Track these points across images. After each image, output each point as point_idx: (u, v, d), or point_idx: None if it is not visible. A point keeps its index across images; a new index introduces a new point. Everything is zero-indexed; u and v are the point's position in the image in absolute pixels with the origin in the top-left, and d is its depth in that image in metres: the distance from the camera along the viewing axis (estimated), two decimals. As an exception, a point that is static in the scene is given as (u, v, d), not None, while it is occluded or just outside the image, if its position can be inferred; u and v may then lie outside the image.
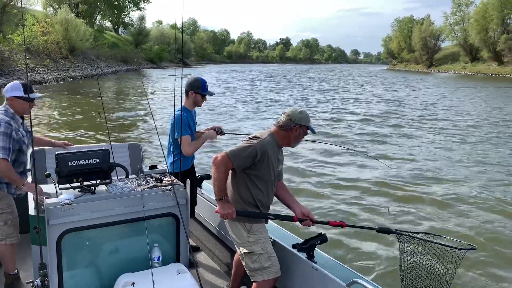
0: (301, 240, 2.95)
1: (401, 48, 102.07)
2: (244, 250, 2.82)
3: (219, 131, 4.07)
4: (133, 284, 2.47)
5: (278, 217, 2.90)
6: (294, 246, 2.88)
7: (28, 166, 3.52)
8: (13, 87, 3.25)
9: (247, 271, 2.87)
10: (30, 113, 3.30)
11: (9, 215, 3.29)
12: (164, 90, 28.91)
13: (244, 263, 2.87)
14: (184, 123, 3.60)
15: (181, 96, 3.55)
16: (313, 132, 2.91)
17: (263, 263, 2.79)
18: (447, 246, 2.45)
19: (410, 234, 2.61)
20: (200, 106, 3.89)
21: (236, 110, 19.59)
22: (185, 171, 3.83)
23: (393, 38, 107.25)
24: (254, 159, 2.72)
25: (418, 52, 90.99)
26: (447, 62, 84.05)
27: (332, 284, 2.62)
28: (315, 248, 2.85)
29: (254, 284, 2.85)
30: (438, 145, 12.45)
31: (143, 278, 2.51)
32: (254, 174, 2.79)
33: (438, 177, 8.97)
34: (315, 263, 2.78)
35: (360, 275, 2.66)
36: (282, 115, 2.89)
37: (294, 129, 2.82)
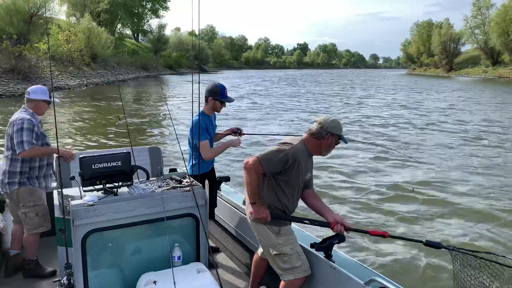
0: (319, 240, 2.96)
1: (420, 52, 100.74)
2: (274, 252, 2.85)
3: (238, 132, 4.13)
4: (154, 282, 2.52)
5: (313, 223, 2.85)
6: (312, 246, 2.89)
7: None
8: (43, 91, 3.66)
9: (278, 271, 2.89)
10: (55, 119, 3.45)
11: (40, 207, 3.64)
12: (182, 95, 29.35)
13: (274, 264, 2.90)
14: (202, 128, 3.65)
15: (198, 101, 3.60)
16: (345, 142, 2.89)
17: (294, 263, 2.82)
18: (507, 266, 2.23)
19: (463, 251, 2.38)
20: (219, 112, 3.93)
21: (251, 113, 19.70)
22: (205, 174, 3.88)
23: (412, 42, 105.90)
24: (285, 165, 2.74)
25: (437, 56, 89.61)
26: (467, 66, 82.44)
27: (350, 283, 2.62)
28: (333, 248, 2.86)
29: (282, 283, 2.87)
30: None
31: (164, 277, 2.56)
32: (283, 180, 2.81)
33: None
34: (333, 262, 2.79)
35: (378, 273, 2.65)
36: (314, 123, 2.89)
37: (326, 137, 2.82)
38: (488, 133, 15.23)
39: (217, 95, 3.79)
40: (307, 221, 2.78)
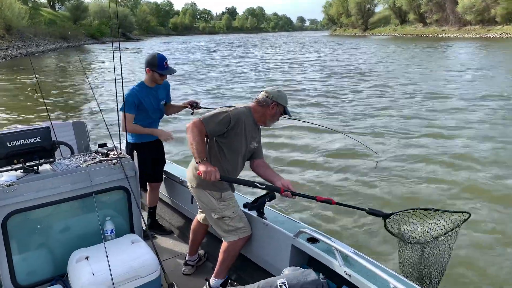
0: (251, 200, 2.98)
1: (339, 14, 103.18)
2: (216, 216, 2.81)
3: (195, 105, 3.85)
4: (87, 258, 2.40)
5: (263, 187, 2.69)
6: (245, 206, 2.90)
7: None
8: None
9: (221, 233, 2.86)
10: None
11: None
12: (106, 65, 27.50)
13: (216, 227, 2.87)
14: (131, 102, 3.43)
15: (121, 70, 3.35)
16: (289, 115, 2.85)
17: (236, 224, 2.82)
18: (441, 210, 2.39)
19: (400, 211, 2.47)
20: (159, 83, 3.63)
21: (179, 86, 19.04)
22: (149, 143, 3.68)
23: (333, 4, 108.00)
24: (227, 126, 2.66)
25: (354, 16, 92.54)
26: (380, 25, 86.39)
27: (281, 236, 2.69)
28: (265, 206, 2.90)
29: (225, 244, 2.86)
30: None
31: (97, 251, 2.44)
32: (225, 143, 2.73)
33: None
34: (266, 219, 2.84)
35: (306, 225, 2.75)
36: (262, 92, 2.85)
37: (271, 106, 2.78)
38: (403, 86, 16.29)
39: (155, 67, 3.50)
40: (257, 185, 2.68)
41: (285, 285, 1.68)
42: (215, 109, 2.83)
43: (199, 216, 3.16)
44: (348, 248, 2.32)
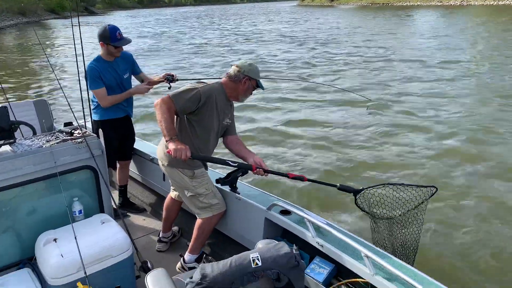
0: (223, 175, 2.94)
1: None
2: (190, 194, 2.75)
3: (170, 78, 3.64)
4: (55, 240, 2.31)
5: (235, 164, 2.62)
6: (217, 181, 2.86)
7: None
8: None
9: (195, 210, 2.81)
10: None
11: None
12: (66, 41, 26.20)
13: (190, 204, 2.82)
14: (94, 76, 3.26)
15: (81, 45, 3.16)
16: (262, 88, 2.75)
17: (210, 201, 2.77)
18: (409, 185, 2.44)
19: (371, 186, 2.50)
20: (117, 56, 3.42)
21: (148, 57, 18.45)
22: (117, 120, 3.54)
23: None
24: (198, 103, 2.55)
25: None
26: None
27: (254, 210, 2.69)
28: (237, 181, 2.86)
29: (199, 221, 2.82)
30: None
31: (65, 233, 2.35)
32: (196, 121, 2.63)
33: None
34: (238, 193, 2.82)
35: (279, 198, 2.74)
36: (232, 66, 2.72)
37: (243, 81, 2.67)
38: (375, 49, 16.40)
39: (107, 39, 3.30)
40: (229, 162, 2.61)
41: (258, 259, 1.66)
42: (194, 80, 2.72)
43: (173, 193, 3.10)
44: (320, 219, 2.34)
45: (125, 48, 3.50)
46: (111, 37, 3.30)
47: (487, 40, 19.68)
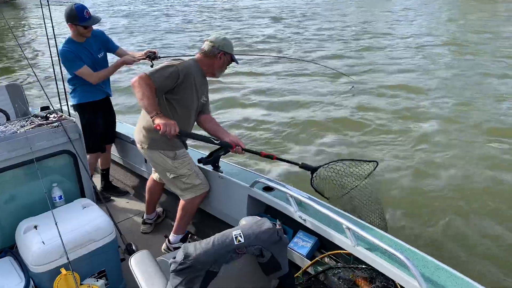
0: (205, 154, 2.92)
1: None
2: (172, 175, 2.71)
3: (152, 55, 3.46)
4: (35, 227, 2.27)
5: (219, 143, 2.66)
6: (199, 161, 2.84)
7: None
8: None
9: (177, 192, 2.79)
10: None
11: None
12: (37, 21, 25.18)
13: (173, 186, 2.79)
14: (72, 58, 3.15)
15: (52, 26, 3.03)
16: (236, 62, 2.71)
17: (193, 181, 2.74)
18: (358, 160, 2.64)
19: (327, 163, 2.65)
20: (88, 36, 3.28)
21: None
22: (97, 103, 3.43)
23: None
24: (176, 80, 2.48)
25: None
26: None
27: (237, 188, 2.69)
28: (220, 160, 2.85)
29: (182, 202, 2.80)
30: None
31: (46, 219, 2.30)
32: (176, 99, 2.56)
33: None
34: (221, 172, 2.81)
35: (262, 175, 2.75)
36: (206, 41, 2.64)
37: (218, 56, 2.61)
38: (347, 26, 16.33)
39: (76, 20, 3.14)
40: (212, 140, 2.64)
41: (240, 236, 1.66)
42: (176, 57, 2.64)
43: (154, 175, 3.06)
44: (302, 193, 2.35)
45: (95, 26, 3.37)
46: (79, 17, 3.15)
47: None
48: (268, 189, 2.56)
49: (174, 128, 2.35)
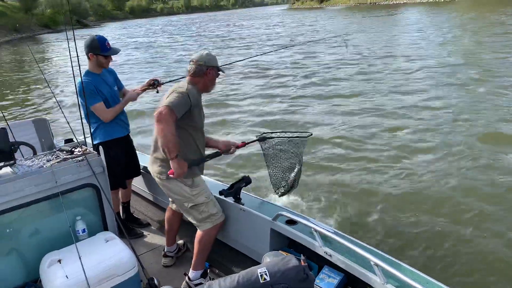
0: (227, 186, 2.90)
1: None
2: (190, 205, 2.69)
3: (156, 83, 3.56)
4: (59, 261, 2.26)
5: (224, 151, 2.91)
6: (221, 193, 2.82)
7: None
8: None
9: (194, 223, 2.76)
10: None
11: None
12: (61, 55, 26.03)
13: (190, 217, 2.77)
14: (90, 91, 3.17)
15: (78, 60, 3.11)
16: (223, 72, 2.76)
17: (211, 210, 2.72)
18: (297, 131, 2.99)
19: (272, 132, 3.02)
20: (106, 67, 3.35)
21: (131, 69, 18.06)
22: (116, 140, 3.43)
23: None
24: (190, 106, 2.52)
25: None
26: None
27: (260, 221, 2.64)
28: (241, 191, 2.82)
29: (199, 233, 2.76)
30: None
31: (69, 253, 2.29)
32: (191, 125, 2.61)
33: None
34: (243, 204, 2.77)
35: (284, 207, 2.70)
36: (191, 63, 2.68)
37: (207, 72, 2.66)
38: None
39: (97, 50, 3.22)
40: (218, 152, 2.81)
41: (266, 273, 1.62)
42: (176, 80, 2.70)
43: (173, 206, 3.04)
44: (327, 227, 2.29)
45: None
46: (101, 47, 3.23)
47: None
48: (291, 222, 2.51)
49: (184, 169, 2.49)
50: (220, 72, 2.77)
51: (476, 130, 6.96)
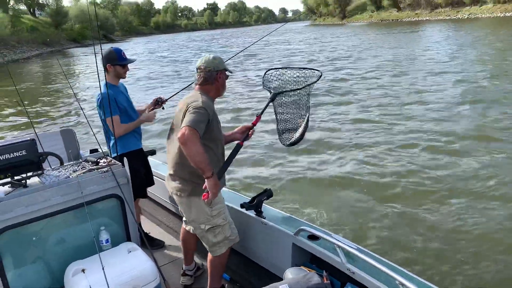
0: (248, 199, 2.89)
1: (318, 4, 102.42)
2: (207, 227, 2.60)
3: (160, 101, 3.62)
4: (83, 271, 2.28)
5: (243, 140, 2.66)
6: (242, 206, 2.80)
7: None
8: None
9: (208, 247, 2.67)
10: None
11: None
12: (88, 68, 26.82)
13: (204, 239, 2.68)
14: (111, 102, 3.20)
15: (104, 73, 3.19)
16: (231, 72, 2.71)
17: (226, 233, 2.63)
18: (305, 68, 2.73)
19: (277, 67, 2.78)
20: (124, 77, 3.43)
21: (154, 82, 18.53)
22: (134, 152, 3.46)
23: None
24: (208, 120, 2.45)
25: (332, 5, 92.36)
26: (357, 12, 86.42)
27: (281, 235, 2.61)
28: (263, 204, 2.80)
29: (210, 257, 2.69)
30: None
31: (93, 263, 2.31)
32: (210, 139, 2.52)
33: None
34: (264, 218, 2.75)
35: (307, 222, 2.66)
36: (198, 70, 2.60)
37: (218, 77, 2.59)
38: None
39: (115, 60, 3.32)
40: (236, 150, 2.54)
41: (289, 290, 1.59)
42: (179, 93, 2.65)
43: (187, 227, 2.96)
44: (350, 243, 2.24)
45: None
46: (118, 57, 3.33)
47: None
48: (313, 237, 2.46)
49: (216, 191, 2.35)
50: (227, 73, 2.68)
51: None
